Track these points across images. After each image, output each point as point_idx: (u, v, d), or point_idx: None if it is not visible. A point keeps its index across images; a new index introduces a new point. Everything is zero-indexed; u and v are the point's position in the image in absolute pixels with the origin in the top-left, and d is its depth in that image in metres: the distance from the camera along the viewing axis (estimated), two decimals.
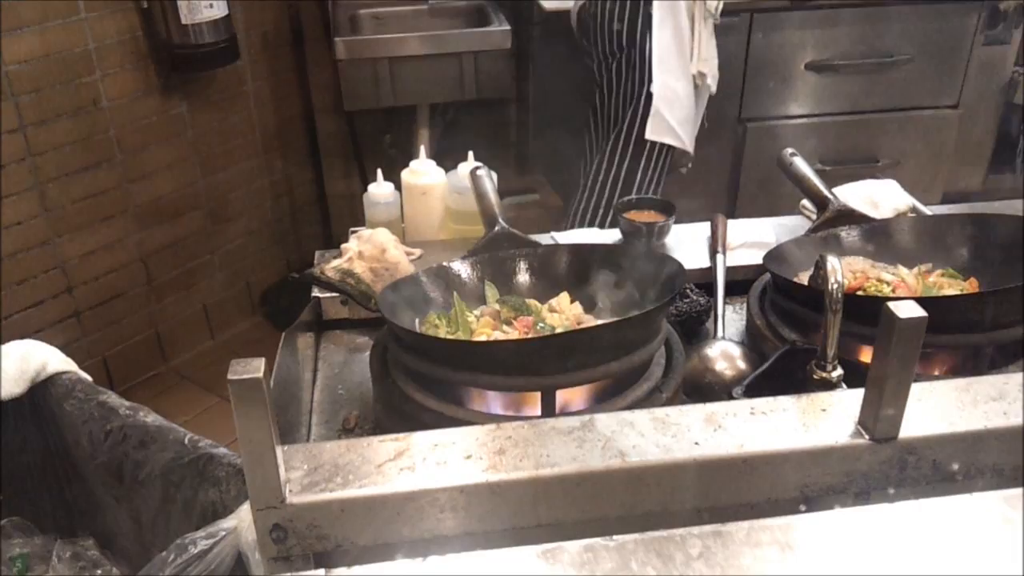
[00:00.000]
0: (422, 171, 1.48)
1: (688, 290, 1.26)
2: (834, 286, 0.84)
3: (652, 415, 0.79)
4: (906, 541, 0.62)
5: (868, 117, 2.77)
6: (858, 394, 0.77)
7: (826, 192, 1.36)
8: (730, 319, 1.27)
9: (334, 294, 1.29)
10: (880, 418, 0.74)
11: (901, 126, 2.78)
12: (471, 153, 1.49)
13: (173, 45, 2.46)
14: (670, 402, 1.01)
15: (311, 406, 1.16)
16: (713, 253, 1.35)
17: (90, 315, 2.62)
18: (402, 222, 1.51)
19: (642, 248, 1.36)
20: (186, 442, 1.31)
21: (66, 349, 1.53)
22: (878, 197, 1.48)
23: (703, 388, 1.11)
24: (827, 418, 0.78)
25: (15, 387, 1.44)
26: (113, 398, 1.42)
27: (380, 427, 1.09)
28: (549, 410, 0.98)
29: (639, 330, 1.00)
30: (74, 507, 1.55)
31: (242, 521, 1.15)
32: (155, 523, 1.39)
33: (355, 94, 2.58)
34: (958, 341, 1.04)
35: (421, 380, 1.01)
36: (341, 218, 3.20)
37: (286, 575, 0.64)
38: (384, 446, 0.76)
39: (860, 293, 1.15)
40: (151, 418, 1.37)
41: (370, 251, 1.30)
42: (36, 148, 2.35)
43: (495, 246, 1.27)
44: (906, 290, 1.16)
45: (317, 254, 1.39)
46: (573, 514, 0.75)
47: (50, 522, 1.57)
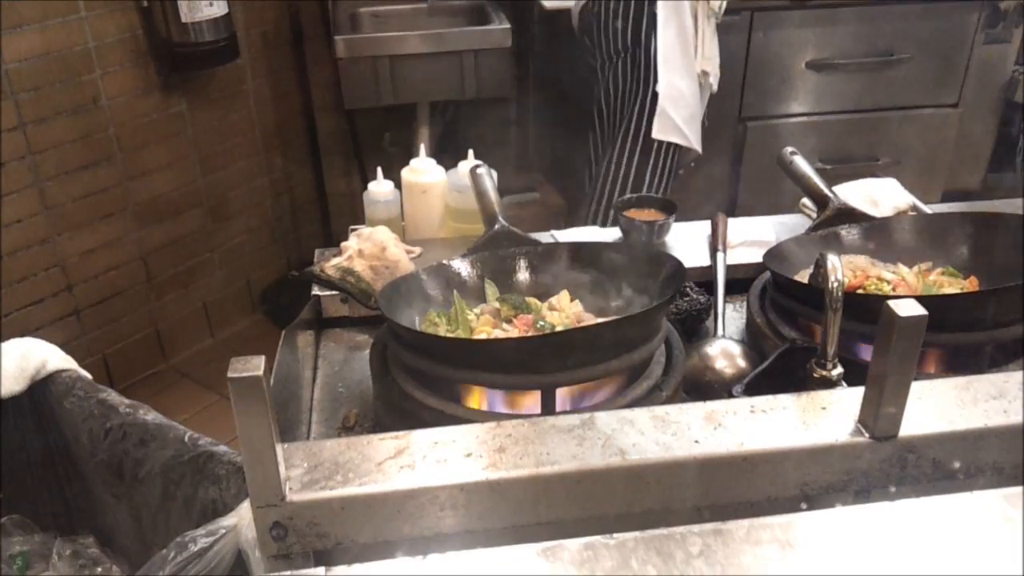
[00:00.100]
0: (422, 169, 1.48)
1: (688, 288, 1.26)
2: (834, 284, 0.84)
3: (652, 413, 0.79)
4: (906, 539, 0.63)
5: (868, 116, 2.77)
6: (858, 392, 0.77)
7: (826, 191, 1.36)
8: (730, 317, 1.27)
9: (334, 292, 1.29)
10: (880, 416, 0.74)
11: (901, 125, 2.78)
12: (471, 151, 1.49)
13: (173, 43, 2.46)
14: (670, 400, 1.01)
15: (311, 404, 1.16)
16: (713, 251, 1.35)
17: (90, 313, 2.62)
18: (402, 220, 1.51)
19: (642, 246, 1.36)
20: (186, 440, 1.31)
21: (66, 347, 1.53)
22: (878, 195, 1.48)
23: (703, 386, 1.11)
24: (827, 416, 0.78)
25: (15, 385, 1.43)
26: (113, 396, 1.42)
27: (380, 425, 1.09)
28: (549, 408, 0.98)
29: (639, 328, 1.00)
30: (74, 505, 1.55)
31: (242, 519, 1.15)
32: (155, 521, 1.39)
33: (355, 92, 2.58)
34: (958, 339, 1.04)
35: (421, 378, 1.01)
36: (341, 216, 3.20)
37: (286, 573, 0.64)
38: (384, 444, 0.76)
39: (860, 291, 1.15)
40: (151, 416, 1.37)
41: (370, 249, 1.30)
42: (36, 146, 2.35)
43: (495, 244, 1.27)
44: (906, 288, 1.16)
45: (317, 252, 1.39)
46: (573, 512, 0.75)
47: (50, 520, 1.57)
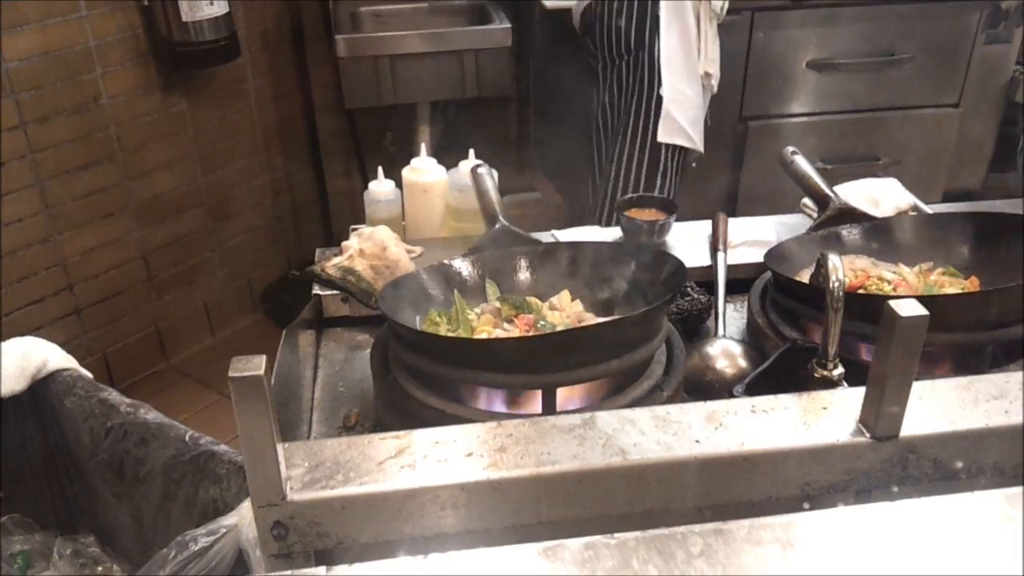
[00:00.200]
0: (423, 169, 1.48)
1: (689, 288, 1.26)
2: (835, 284, 0.84)
3: (653, 413, 0.79)
4: (907, 539, 0.62)
5: (869, 115, 2.77)
6: (859, 392, 0.77)
7: (827, 190, 1.36)
8: (731, 317, 1.27)
9: (335, 292, 1.29)
10: (881, 416, 0.74)
11: (902, 124, 2.78)
12: (472, 151, 1.49)
13: (174, 42, 2.46)
14: (671, 400, 1.01)
15: (312, 403, 1.16)
16: (714, 251, 1.35)
17: (91, 312, 2.62)
18: (403, 220, 1.51)
19: (643, 246, 1.36)
20: (187, 439, 1.31)
21: (67, 346, 1.53)
22: (879, 195, 1.48)
23: (704, 386, 1.11)
24: (828, 416, 0.78)
25: (16, 384, 1.44)
26: (114, 395, 1.42)
27: (381, 424, 1.09)
28: (550, 408, 0.98)
29: (640, 328, 1.00)
30: (75, 504, 1.55)
31: (243, 518, 1.15)
32: (156, 520, 1.39)
33: (356, 92, 2.58)
34: (959, 339, 1.04)
35: (422, 378, 1.01)
36: (342, 216, 3.20)
37: (287, 573, 0.64)
38: (385, 443, 0.76)
39: (861, 291, 1.15)
40: (152, 415, 1.38)
41: (371, 249, 1.30)
42: (37, 145, 2.35)
43: (496, 244, 1.27)
44: (907, 288, 1.16)
45: (318, 252, 1.39)
46: (574, 512, 0.75)
47: (51, 519, 1.57)
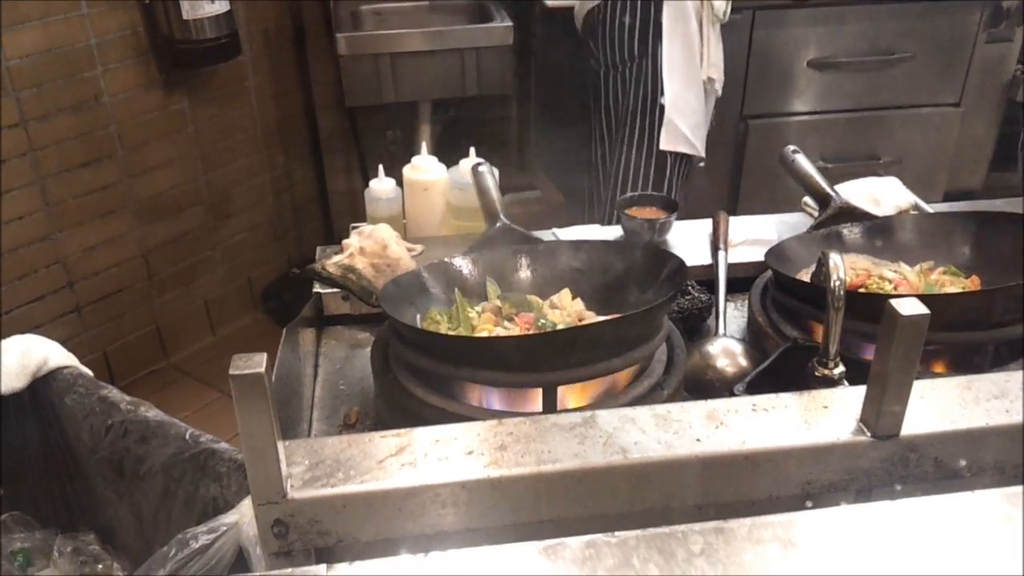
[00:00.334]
0: (424, 167, 1.48)
1: (690, 287, 1.26)
2: (836, 283, 0.84)
3: (654, 412, 0.79)
4: (907, 538, 0.62)
5: (870, 114, 2.76)
6: (860, 391, 0.77)
7: (828, 189, 1.35)
8: (732, 316, 1.27)
9: (335, 290, 1.29)
10: (882, 415, 0.74)
11: (903, 124, 2.78)
12: (472, 149, 1.49)
13: (174, 40, 2.45)
14: (671, 399, 1.01)
15: (312, 402, 1.16)
16: (715, 250, 1.35)
17: (91, 310, 2.62)
18: (403, 218, 1.51)
19: (644, 245, 1.36)
20: (187, 437, 1.31)
21: (67, 344, 1.53)
22: (880, 194, 1.48)
23: (704, 385, 1.11)
24: (829, 415, 0.78)
25: (16, 382, 1.43)
26: (114, 393, 1.42)
27: (381, 423, 1.09)
28: (550, 406, 0.98)
29: (641, 327, 1.00)
30: (75, 502, 1.55)
31: (243, 516, 1.15)
32: (156, 518, 1.39)
33: (356, 90, 2.58)
34: (960, 339, 1.04)
35: (422, 376, 1.01)
36: (342, 214, 3.20)
37: (287, 571, 0.64)
38: (385, 442, 0.76)
39: (862, 290, 1.15)
40: (152, 413, 1.37)
41: (371, 247, 1.30)
42: (37, 143, 2.35)
43: (496, 242, 1.27)
44: (908, 287, 1.16)
45: (318, 250, 1.39)
46: (575, 510, 0.75)
47: (51, 517, 1.57)
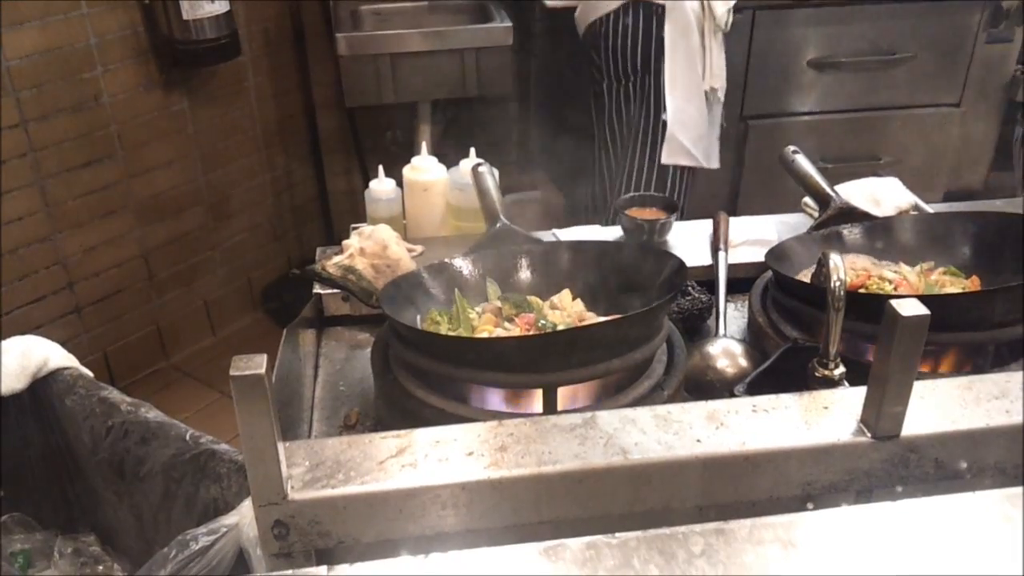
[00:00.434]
0: (424, 167, 1.48)
1: (690, 287, 1.26)
2: (836, 284, 0.84)
3: (654, 412, 0.79)
4: (908, 539, 0.62)
5: (870, 115, 2.76)
6: (860, 392, 0.77)
7: (828, 190, 1.35)
8: (732, 317, 1.27)
9: (335, 290, 1.29)
10: (882, 416, 0.74)
11: (903, 124, 2.77)
12: (472, 150, 1.49)
13: (174, 41, 2.45)
14: (672, 399, 1.01)
15: (312, 402, 1.16)
16: (715, 250, 1.35)
17: (91, 311, 2.62)
18: (403, 218, 1.51)
19: (644, 245, 1.36)
20: (187, 438, 1.31)
21: (67, 345, 1.53)
22: (880, 195, 1.48)
23: (705, 386, 1.11)
24: (829, 416, 0.78)
25: (16, 383, 1.44)
26: (114, 394, 1.42)
27: (381, 424, 1.09)
28: (551, 407, 0.98)
29: (641, 327, 1.00)
30: (75, 503, 1.55)
31: (244, 517, 1.15)
32: (156, 519, 1.39)
33: (356, 90, 2.57)
34: (960, 339, 1.04)
35: (423, 377, 1.01)
36: (342, 214, 3.20)
37: (288, 572, 0.64)
38: (386, 443, 0.76)
39: (862, 291, 1.15)
40: (152, 414, 1.37)
41: (371, 247, 1.30)
42: (37, 144, 2.34)
43: (497, 243, 1.27)
44: (908, 288, 1.15)
45: (318, 250, 1.39)
46: (575, 511, 0.75)
47: (51, 518, 1.57)
